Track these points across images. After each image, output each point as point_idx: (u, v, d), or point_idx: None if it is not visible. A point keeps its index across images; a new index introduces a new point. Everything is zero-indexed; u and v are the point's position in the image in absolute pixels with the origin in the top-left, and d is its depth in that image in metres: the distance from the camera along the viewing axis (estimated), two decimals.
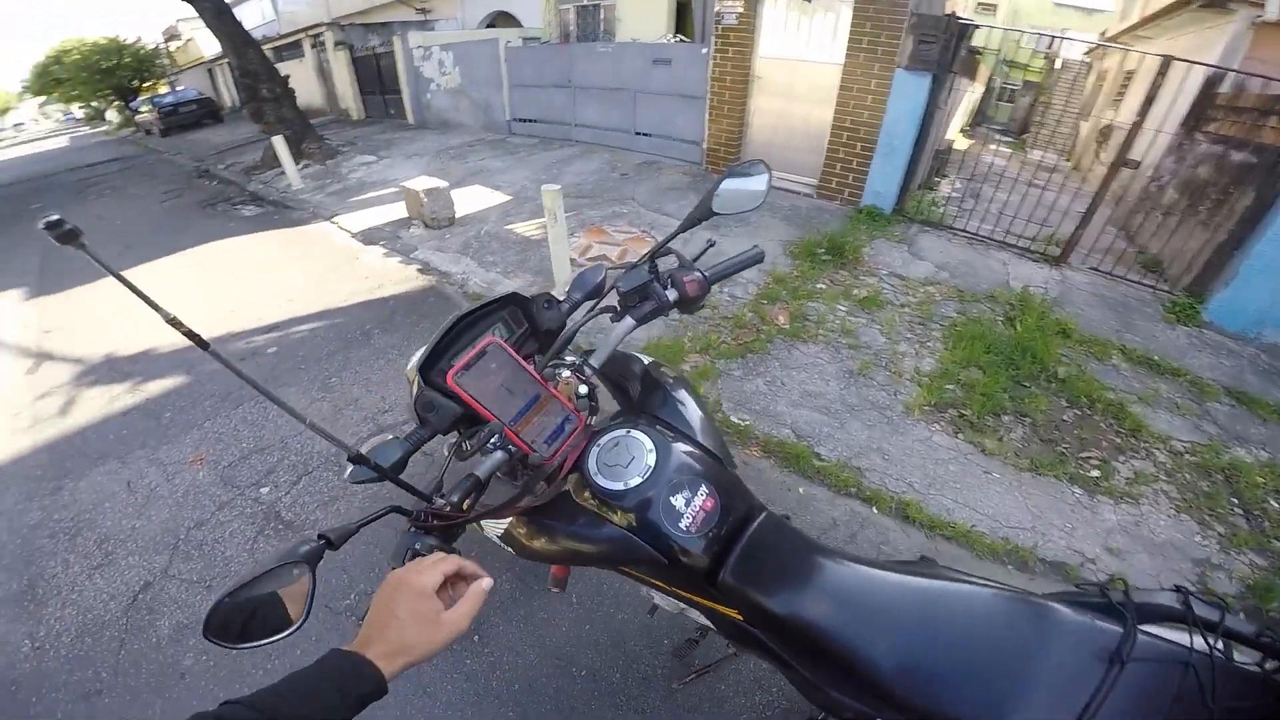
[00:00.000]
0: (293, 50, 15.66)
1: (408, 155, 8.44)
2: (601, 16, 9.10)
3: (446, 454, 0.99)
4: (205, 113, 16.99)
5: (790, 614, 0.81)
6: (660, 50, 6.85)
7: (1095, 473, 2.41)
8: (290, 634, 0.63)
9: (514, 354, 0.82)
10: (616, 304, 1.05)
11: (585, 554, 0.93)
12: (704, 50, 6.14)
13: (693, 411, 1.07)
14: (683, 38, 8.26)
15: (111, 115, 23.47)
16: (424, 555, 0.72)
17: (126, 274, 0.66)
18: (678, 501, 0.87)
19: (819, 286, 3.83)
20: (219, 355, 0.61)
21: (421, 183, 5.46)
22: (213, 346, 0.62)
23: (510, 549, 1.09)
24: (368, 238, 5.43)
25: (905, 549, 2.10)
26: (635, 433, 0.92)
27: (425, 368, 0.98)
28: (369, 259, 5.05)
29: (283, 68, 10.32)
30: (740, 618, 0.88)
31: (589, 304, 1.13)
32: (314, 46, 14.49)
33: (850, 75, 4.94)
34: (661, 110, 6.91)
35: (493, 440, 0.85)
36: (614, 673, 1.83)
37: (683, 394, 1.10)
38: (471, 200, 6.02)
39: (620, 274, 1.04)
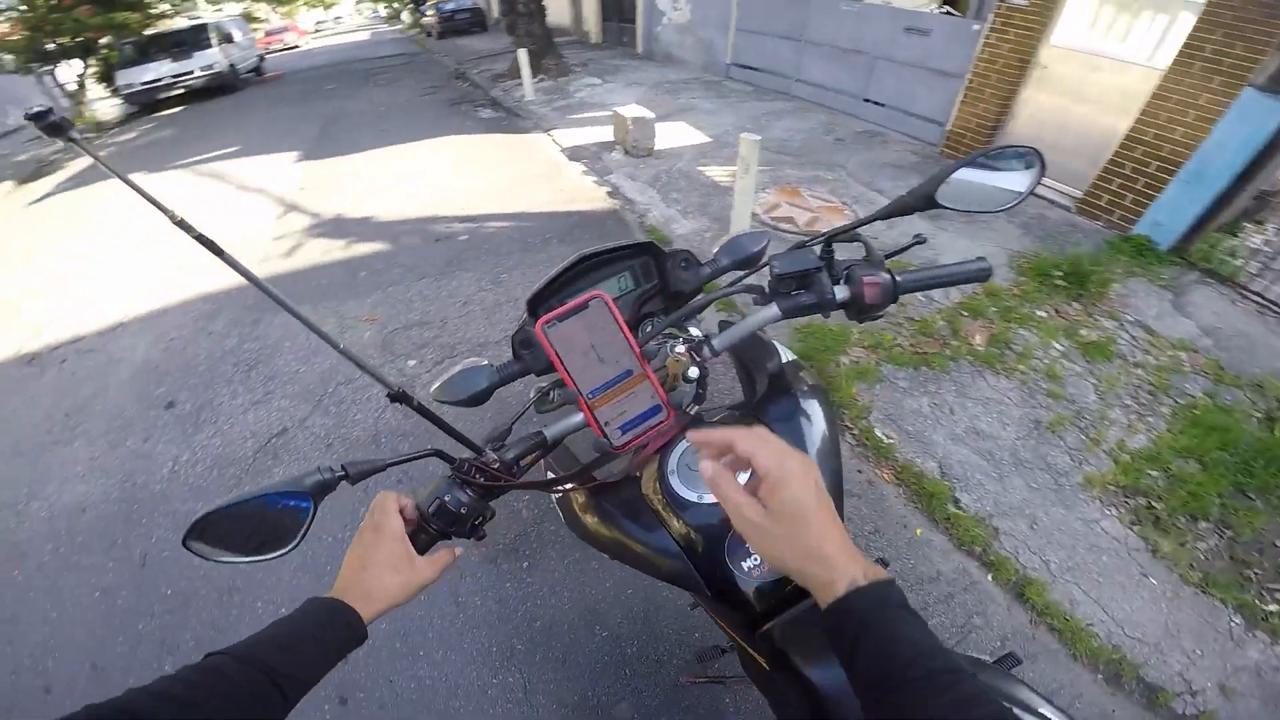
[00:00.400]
0: None
1: (628, 83, 8.61)
2: None
3: (532, 397, 0.87)
4: (474, 21, 18.81)
5: (829, 695, 0.67)
6: (918, 18, 6.08)
7: (1275, 606, 1.88)
8: (274, 557, 0.60)
9: (617, 316, 0.67)
10: (766, 284, 0.83)
11: (631, 554, 0.85)
12: (975, 27, 5.34)
13: (817, 434, 0.89)
14: (950, 10, 7.22)
15: (405, 16, 27.27)
16: (451, 510, 0.67)
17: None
18: None
19: (1038, 314, 3.14)
20: (230, 260, 0.55)
21: (631, 110, 5.52)
22: (226, 253, 0.55)
23: (560, 513, 1.02)
24: (573, 154, 5.70)
25: (997, 629, 1.82)
26: None
27: (534, 301, 0.88)
28: (568, 174, 5.30)
29: None
30: (767, 667, 0.78)
31: (736, 274, 0.94)
32: None
33: (1174, 84, 3.88)
34: (901, 81, 6.18)
35: (573, 402, 0.74)
36: (632, 645, 1.81)
37: (814, 409, 0.92)
38: (673, 135, 5.97)
39: (783, 254, 0.81)
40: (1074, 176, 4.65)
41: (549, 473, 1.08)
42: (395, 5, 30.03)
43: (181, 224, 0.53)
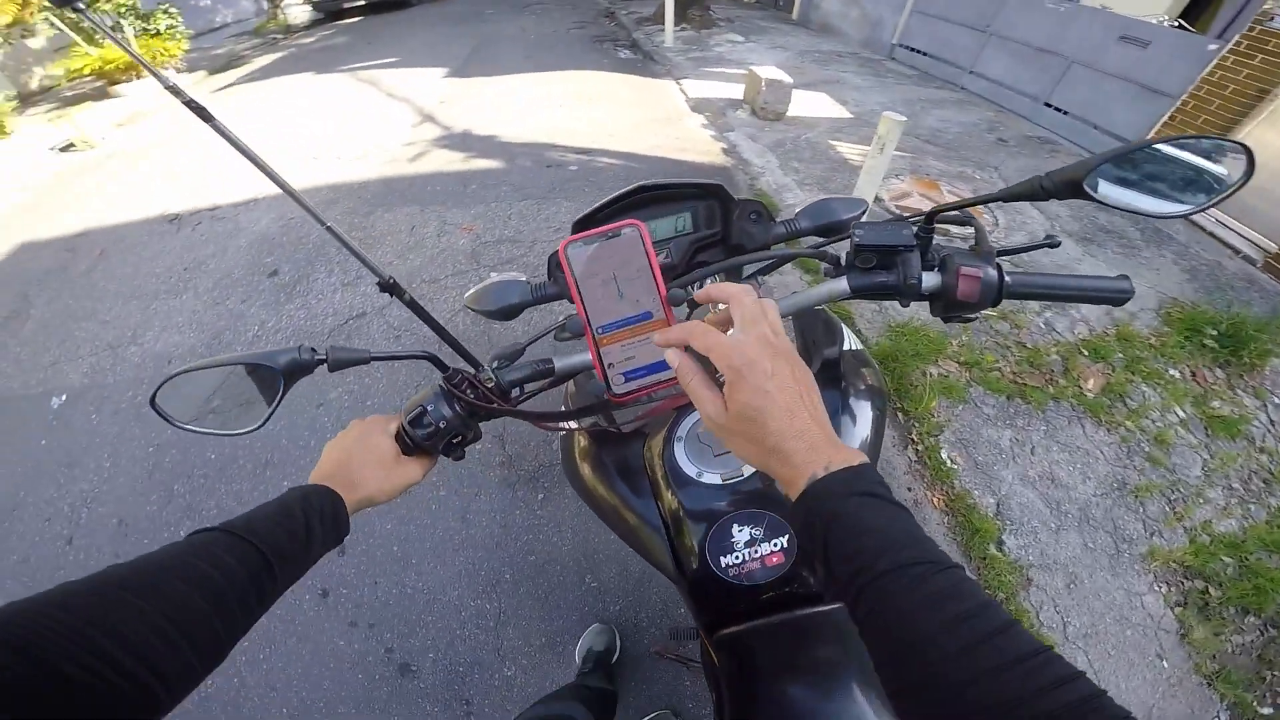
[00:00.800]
0: None
1: (773, 46, 8.14)
2: None
3: (558, 323, 0.77)
4: None
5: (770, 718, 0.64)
6: (1138, 28, 5.33)
7: (1269, 710, 1.75)
8: (239, 434, 0.59)
9: (649, 249, 0.56)
10: (842, 256, 0.69)
11: (614, 515, 0.80)
12: (1211, 46, 4.59)
13: (857, 435, 0.81)
14: (1183, 24, 6.15)
15: None
16: (429, 421, 0.62)
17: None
18: (739, 533, 0.71)
19: (1171, 372, 2.66)
20: (219, 127, 0.49)
21: (769, 71, 5.18)
22: (216, 120, 0.49)
23: (560, 454, 0.97)
24: (697, 106, 5.49)
25: None
26: None
27: (580, 225, 0.78)
28: (688, 124, 5.13)
29: None
30: (719, 670, 0.73)
31: (812, 240, 0.79)
32: None
33: None
34: (1096, 90, 5.48)
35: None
36: (617, 604, 1.77)
37: (863, 412, 0.83)
38: (809, 105, 5.56)
39: (871, 224, 0.66)
40: (1271, 226, 3.81)
41: (563, 408, 1.04)
42: None
43: (173, 90, 0.49)
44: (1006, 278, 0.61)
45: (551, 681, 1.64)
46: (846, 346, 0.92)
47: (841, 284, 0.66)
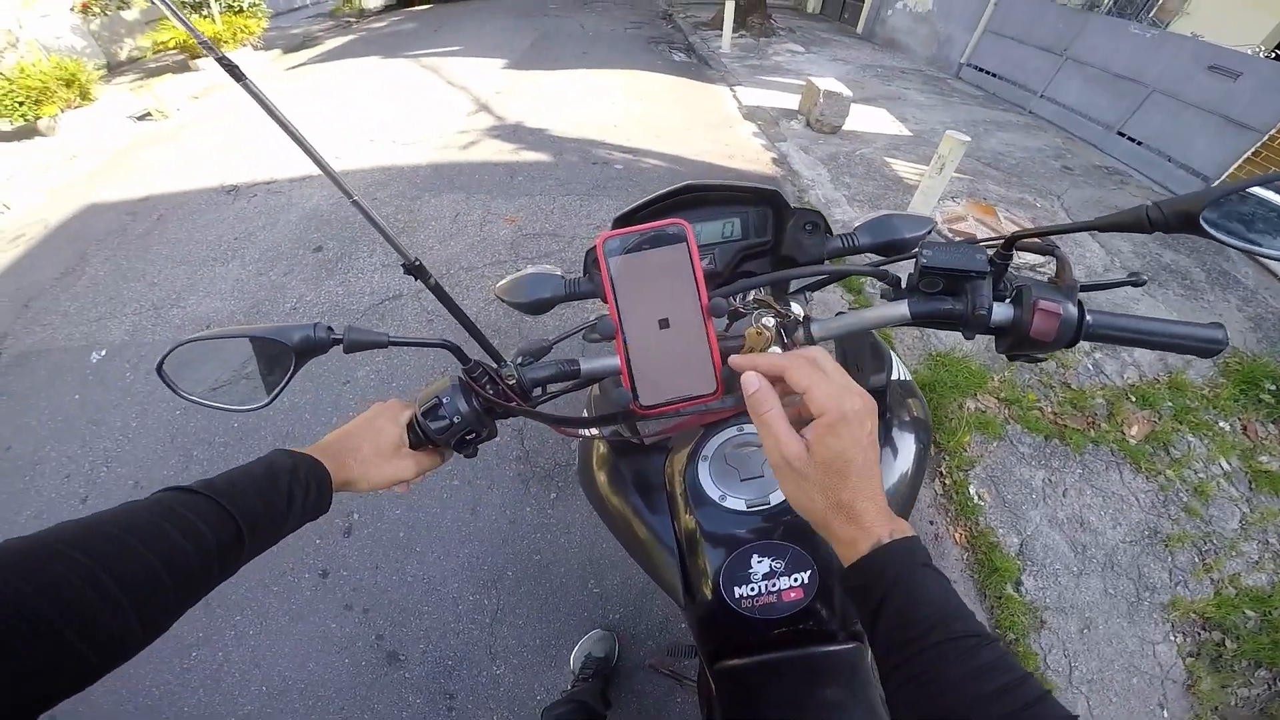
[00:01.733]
0: None
1: (833, 58, 7.98)
2: (1161, 1, 6.98)
3: (589, 322, 0.74)
4: None
5: None
6: (1230, 58, 5.06)
7: None
8: (244, 410, 0.56)
9: (694, 253, 0.52)
10: (904, 278, 0.62)
11: (626, 529, 0.77)
12: None
13: (895, 474, 0.76)
14: None
15: None
16: (443, 414, 0.60)
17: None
18: (758, 564, 0.67)
19: (1221, 424, 2.53)
20: (251, 88, 0.48)
21: (827, 83, 5.06)
22: (247, 79, 0.48)
23: (577, 459, 0.94)
24: (749, 114, 5.41)
25: None
26: None
27: (621, 221, 0.73)
28: (739, 131, 5.06)
29: None
30: (716, 702, 0.70)
31: (872, 259, 0.73)
32: None
33: None
34: (1175, 121, 5.25)
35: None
36: (618, 612, 1.73)
37: (906, 445, 0.79)
38: (867, 120, 5.42)
39: (940, 244, 0.59)
40: None
41: (585, 412, 0.99)
42: None
43: (205, 45, 0.47)
44: (1088, 317, 0.54)
45: (540, 684, 1.61)
46: (895, 376, 0.86)
47: (901, 309, 0.60)
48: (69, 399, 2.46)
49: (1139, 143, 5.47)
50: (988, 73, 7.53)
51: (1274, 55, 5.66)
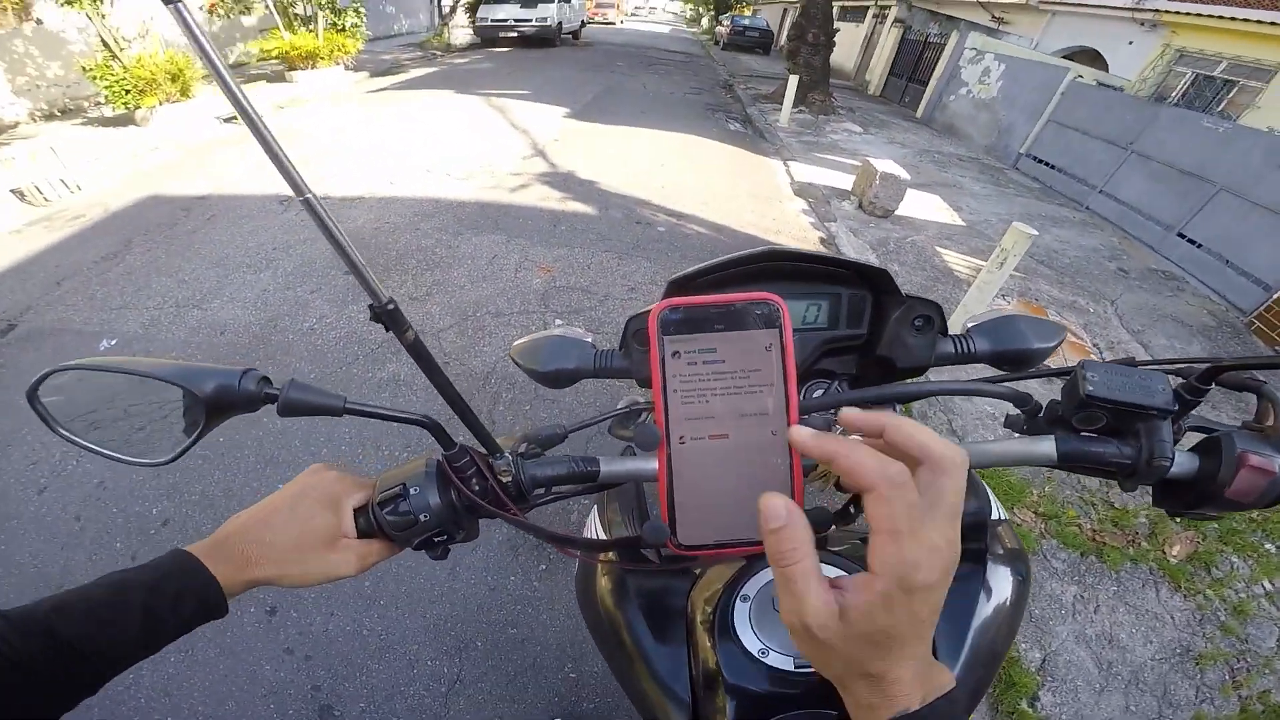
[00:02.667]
0: (855, 15, 16.26)
1: (890, 141, 8.04)
2: (1231, 95, 6.80)
3: (618, 409, 0.60)
4: (760, 42, 19.50)
5: None
6: None
7: None
8: (135, 463, 0.45)
9: (788, 343, 0.36)
10: (1044, 408, 0.51)
11: (623, 660, 0.63)
12: None
13: (990, 609, 0.61)
14: None
15: (704, 22, 29.15)
16: (408, 508, 0.47)
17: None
18: None
19: (1267, 547, 2.38)
20: (214, 60, 0.37)
21: (885, 165, 5.05)
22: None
23: (576, 569, 0.80)
24: (801, 190, 5.42)
25: None
26: None
27: (678, 284, 0.59)
28: (788, 207, 5.04)
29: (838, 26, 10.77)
30: None
31: (987, 372, 0.59)
32: (875, 16, 14.76)
33: None
34: (1240, 223, 5.01)
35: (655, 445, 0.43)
36: (591, 702, 1.57)
37: (1001, 581, 0.63)
38: (920, 206, 5.36)
39: (1099, 365, 0.47)
40: None
41: (591, 527, 0.86)
42: (699, 9, 32.30)
43: (175, 8, 0.39)
44: None
45: None
46: (994, 517, 0.71)
47: (1045, 447, 0.48)
48: None
49: (1198, 245, 5.24)
50: (1047, 164, 7.46)
51: None
